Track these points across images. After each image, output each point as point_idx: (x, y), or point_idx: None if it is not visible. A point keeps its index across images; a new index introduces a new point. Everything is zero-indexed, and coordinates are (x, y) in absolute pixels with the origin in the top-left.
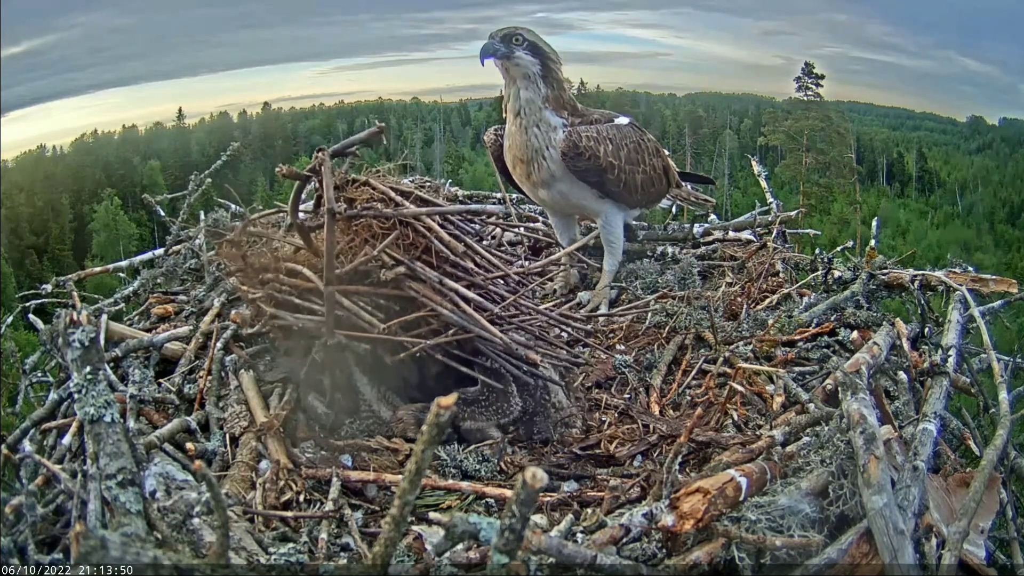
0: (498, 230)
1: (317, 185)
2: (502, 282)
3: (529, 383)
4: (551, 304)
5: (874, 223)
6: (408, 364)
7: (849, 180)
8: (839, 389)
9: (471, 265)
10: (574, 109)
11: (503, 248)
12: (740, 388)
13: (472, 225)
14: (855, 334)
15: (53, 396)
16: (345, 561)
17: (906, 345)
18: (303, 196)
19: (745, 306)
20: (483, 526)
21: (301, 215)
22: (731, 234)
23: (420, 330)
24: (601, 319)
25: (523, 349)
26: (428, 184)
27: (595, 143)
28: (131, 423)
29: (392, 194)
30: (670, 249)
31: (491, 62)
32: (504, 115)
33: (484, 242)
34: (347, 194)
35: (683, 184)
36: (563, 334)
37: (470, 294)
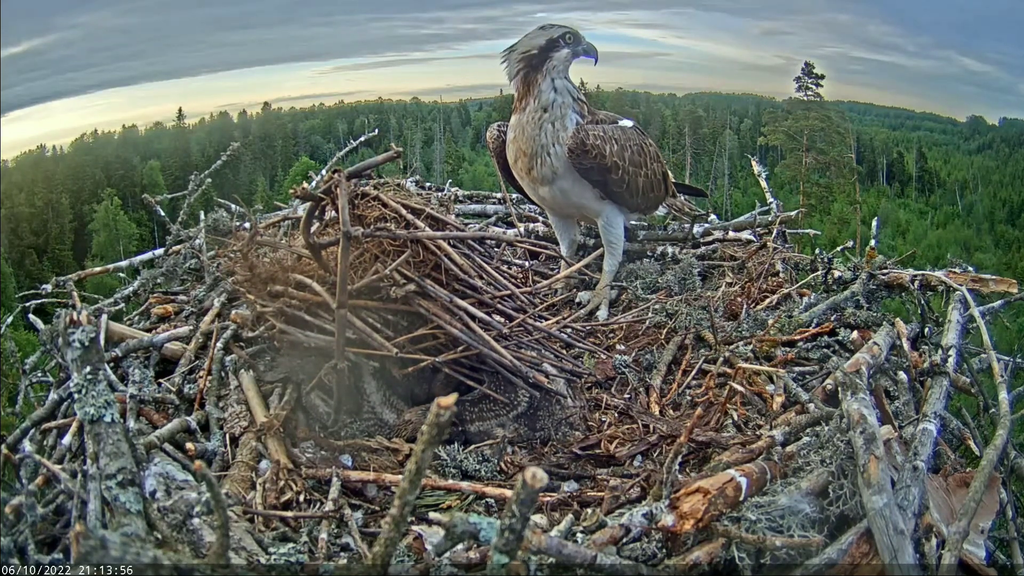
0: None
1: (331, 205)
2: (510, 299)
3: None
4: (551, 302)
5: (874, 223)
6: (416, 373)
7: (849, 180)
8: (839, 389)
9: (479, 283)
10: (589, 111)
11: (505, 255)
12: (740, 388)
13: (483, 244)
14: (855, 334)
15: (53, 396)
16: (345, 561)
17: (906, 345)
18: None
19: (745, 306)
20: (483, 526)
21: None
22: (731, 234)
23: (428, 343)
24: (600, 319)
25: (531, 370)
26: (432, 191)
27: (602, 142)
28: (131, 423)
29: (404, 212)
30: (670, 249)
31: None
32: (516, 107)
33: (493, 259)
34: (357, 210)
35: (678, 194)
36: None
37: (478, 312)
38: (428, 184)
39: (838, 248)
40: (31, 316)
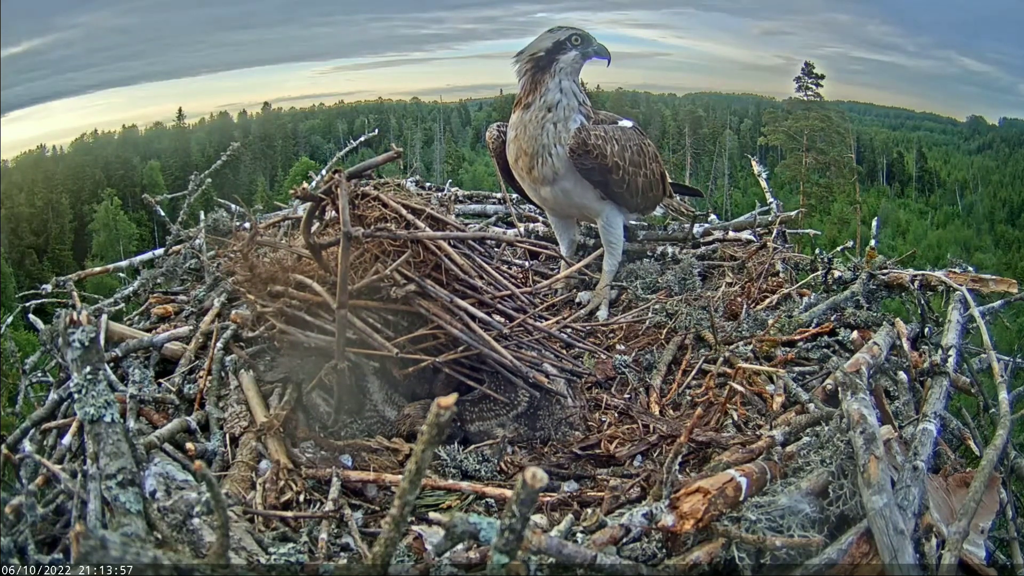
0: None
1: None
2: (510, 299)
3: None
4: (551, 302)
5: (874, 223)
6: (417, 373)
7: (849, 180)
8: (839, 389)
9: (479, 283)
10: (592, 114)
11: (505, 255)
12: (740, 388)
13: (483, 244)
14: (855, 334)
15: (53, 396)
16: (345, 561)
17: (906, 345)
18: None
19: (745, 306)
20: (483, 526)
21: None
22: (731, 234)
23: (428, 344)
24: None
25: (531, 370)
26: (432, 191)
27: (603, 142)
28: (131, 423)
29: (404, 212)
30: (670, 249)
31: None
32: (517, 105)
33: (493, 259)
34: (358, 210)
35: (674, 195)
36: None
37: (479, 312)
38: (428, 184)
39: (838, 248)
40: (31, 316)
